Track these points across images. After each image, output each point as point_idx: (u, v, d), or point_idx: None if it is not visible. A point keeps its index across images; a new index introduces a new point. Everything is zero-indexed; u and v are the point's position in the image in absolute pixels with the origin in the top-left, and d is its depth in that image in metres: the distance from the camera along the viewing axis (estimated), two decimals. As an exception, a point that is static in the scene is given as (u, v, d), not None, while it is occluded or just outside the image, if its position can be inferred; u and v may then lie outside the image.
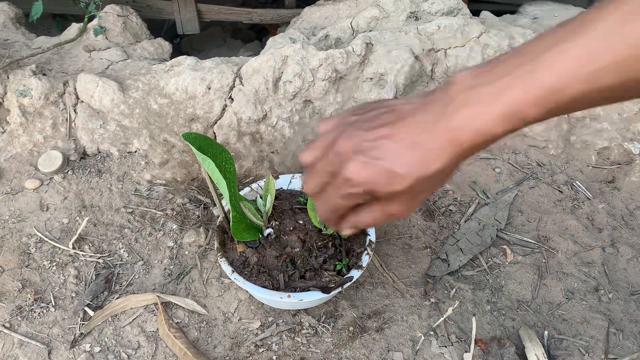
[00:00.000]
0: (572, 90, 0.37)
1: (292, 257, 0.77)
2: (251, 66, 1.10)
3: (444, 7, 1.26)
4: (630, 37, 0.35)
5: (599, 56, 0.36)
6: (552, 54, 0.37)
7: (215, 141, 0.72)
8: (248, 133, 1.09)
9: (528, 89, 0.38)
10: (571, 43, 0.37)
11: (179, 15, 1.56)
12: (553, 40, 0.38)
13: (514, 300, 0.88)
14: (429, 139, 0.42)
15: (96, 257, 0.91)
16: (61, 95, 1.10)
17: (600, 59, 0.36)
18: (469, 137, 0.41)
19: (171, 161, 1.07)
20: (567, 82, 0.37)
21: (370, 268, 0.91)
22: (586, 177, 1.13)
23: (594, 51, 0.36)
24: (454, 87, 0.42)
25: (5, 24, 1.32)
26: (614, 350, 0.81)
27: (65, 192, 1.01)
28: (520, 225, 1.01)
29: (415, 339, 0.81)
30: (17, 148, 1.06)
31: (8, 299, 0.84)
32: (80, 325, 0.81)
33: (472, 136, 0.41)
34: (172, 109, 1.10)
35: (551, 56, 0.37)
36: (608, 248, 0.97)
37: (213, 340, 0.81)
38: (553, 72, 0.37)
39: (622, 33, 0.35)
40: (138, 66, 1.20)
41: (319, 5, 1.42)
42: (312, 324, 0.82)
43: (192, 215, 0.99)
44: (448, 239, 0.97)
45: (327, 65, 1.08)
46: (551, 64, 0.37)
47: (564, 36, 0.38)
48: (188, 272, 0.90)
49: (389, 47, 1.13)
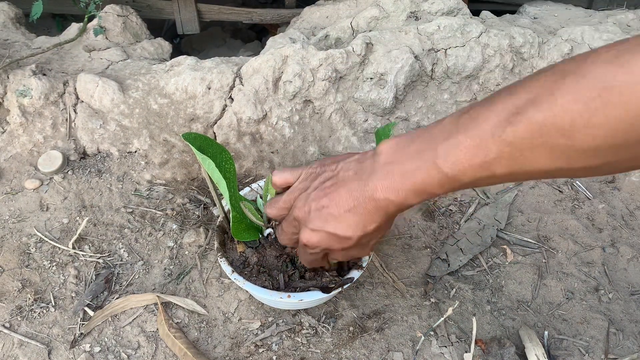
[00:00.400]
0: (468, 177, 0.43)
1: (292, 257, 0.77)
2: (251, 66, 1.10)
3: (444, 7, 1.26)
4: (510, 136, 0.39)
5: (486, 150, 0.41)
6: (449, 144, 0.44)
7: (215, 141, 0.72)
8: (248, 133, 1.09)
9: (431, 174, 0.45)
10: (464, 135, 0.42)
11: (179, 15, 1.56)
12: (454, 127, 0.44)
13: (514, 300, 0.88)
14: (360, 206, 0.52)
15: (96, 257, 0.91)
16: (61, 95, 1.10)
17: (488, 153, 0.41)
18: (390, 206, 0.50)
19: (171, 161, 1.07)
20: (461, 171, 0.43)
21: (370, 268, 0.91)
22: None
23: (483, 145, 0.41)
24: (379, 157, 0.51)
25: (5, 24, 1.32)
26: (614, 350, 0.81)
27: (65, 192, 1.01)
28: (520, 225, 1.01)
29: (415, 339, 0.81)
30: (17, 148, 1.06)
31: (8, 299, 0.84)
32: (80, 325, 0.81)
33: (392, 205, 0.50)
34: (172, 109, 1.10)
35: (449, 146, 0.44)
36: (608, 248, 0.97)
37: (213, 340, 0.81)
38: (449, 163, 0.43)
39: (505, 132, 0.39)
40: (138, 66, 1.20)
41: (319, 5, 1.41)
42: (312, 324, 0.82)
43: (192, 215, 0.99)
44: (448, 239, 0.97)
45: (327, 65, 1.08)
46: (448, 155, 0.44)
47: (461, 126, 0.43)
48: (188, 272, 0.90)
49: (389, 47, 1.13)
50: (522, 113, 0.38)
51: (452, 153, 0.43)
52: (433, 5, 1.26)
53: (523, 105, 0.38)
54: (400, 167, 0.48)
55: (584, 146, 0.36)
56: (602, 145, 0.35)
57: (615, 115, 0.33)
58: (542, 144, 0.38)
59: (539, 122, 0.37)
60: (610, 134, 0.34)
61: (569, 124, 0.36)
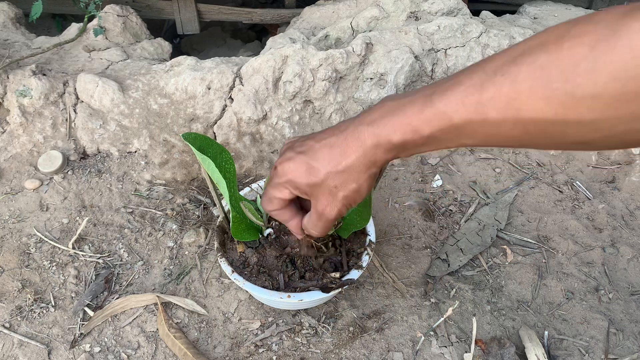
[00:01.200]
0: (459, 116, 0.42)
1: (292, 257, 0.77)
2: (251, 66, 1.10)
3: (444, 7, 1.26)
4: (512, 75, 0.39)
5: (484, 88, 0.40)
6: (449, 83, 0.43)
7: (215, 141, 0.72)
8: (248, 133, 1.09)
9: (423, 108, 0.44)
10: (466, 76, 0.42)
11: (178, 15, 1.56)
12: (459, 73, 0.44)
13: (514, 300, 0.88)
14: (339, 140, 0.51)
15: (96, 257, 0.91)
16: (61, 95, 1.09)
17: (485, 91, 0.40)
18: (369, 140, 0.49)
19: (171, 161, 1.07)
20: (454, 108, 0.42)
21: (370, 268, 0.91)
22: (586, 177, 1.13)
23: (483, 83, 0.40)
24: (377, 104, 0.50)
25: (5, 24, 1.32)
26: (614, 351, 0.81)
27: (65, 192, 1.01)
28: (520, 225, 1.01)
29: (415, 339, 0.81)
30: (17, 148, 1.06)
31: (8, 299, 0.84)
32: (80, 325, 0.81)
33: (371, 139, 0.48)
34: (172, 109, 1.10)
35: (448, 85, 0.43)
36: (608, 248, 0.97)
37: (213, 340, 0.80)
38: (444, 98, 0.43)
39: (508, 71, 0.39)
40: (138, 66, 1.20)
41: (319, 5, 1.41)
42: (312, 324, 0.82)
43: (192, 215, 0.99)
44: (448, 239, 0.97)
45: (327, 65, 1.08)
46: (445, 92, 0.43)
47: (466, 70, 0.43)
48: (188, 272, 0.89)
49: (389, 47, 1.12)
50: (528, 55, 0.38)
51: (450, 90, 0.42)
52: (433, 5, 1.26)
53: (530, 49, 0.38)
54: (392, 102, 0.48)
55: (584, 93, 0.35)
56: (601, 94, 0.35)
57: (620, 62, 0.33)
58: (543, 86, 0.37)
59: (543, 64, 0.37)
60: (612, 81, 0.34)
61: (572, 67, 0.35)
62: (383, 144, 0.48)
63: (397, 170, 1.12)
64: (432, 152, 0.51)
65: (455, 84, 0.42)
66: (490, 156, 1.16)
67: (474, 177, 1.11)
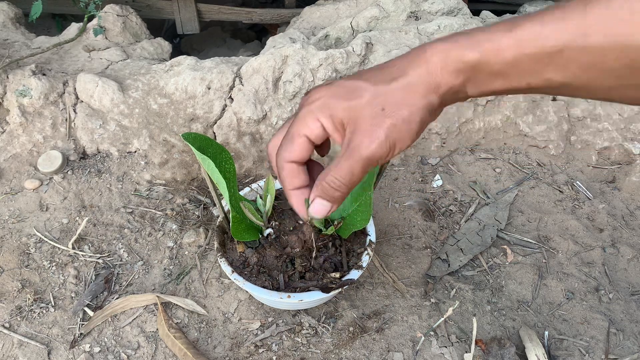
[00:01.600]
0: (557, 38, 0.37)
1: (292, 257, 0.77)
2: (251, 66, 1.10)
3: (444, 7, 1.26)
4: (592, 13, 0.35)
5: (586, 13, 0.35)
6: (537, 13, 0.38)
7: (215, 141, 0.72)
8: (248, 133, 1.09)
9: (510, 29, 0.38)
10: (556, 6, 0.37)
11: (178, 15, 1.56)
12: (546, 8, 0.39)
13: (515, 300, 0.88)
14: (396, 61, 0.43)
15: (96, 257, 0.91)
16: (61, 95, 1.09)
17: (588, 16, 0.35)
18: (438, 57, 0.41)
19: (171, 161, 1.07)
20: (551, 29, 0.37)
21: (370, 268, 0.91)
22: (586, 177, 1.13)
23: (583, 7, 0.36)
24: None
25: (5, 23, 1.32)
26: (615, 351, 0.81)
27: (65, 192, 1.01)
28: (520, 225, 1.01)
29: (415, 339, 0.81)
30: (16, 148, 1.06)
31: (8, 299, 0.84)
32: (79, 325, 0.81)
33: (441, 55, 0.41)
34: (172, 109, 1.10)
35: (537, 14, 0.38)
36: (608, 248, 0.97)
37: (213, 340, 0.80)
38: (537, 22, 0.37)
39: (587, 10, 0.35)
40: (138, 66, 1.20)
41: (319, 5, 1.41)
42: (312, 324, 0.82)
43: (192, 215, 0.99)
44: (448, 239, 0.97)
45: (327, 65, 1.08)
46: (535, 17, 0.38)
47: (539, 11, 0.39)
48: (188, 272, 0.89)
49: (389, 46, 1.12)
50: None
51: (543, 15, 0.37)
52: (433, 5, 1.26)
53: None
54: (457, 36, 0.41)
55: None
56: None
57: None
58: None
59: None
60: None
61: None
62: (452, 62, 0.40)
63: (397, 170, 1.12)
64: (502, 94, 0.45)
65: (548, 11, 0.37)
66: (490, 156, 1.16)
67: (474, 177, 1.11)
